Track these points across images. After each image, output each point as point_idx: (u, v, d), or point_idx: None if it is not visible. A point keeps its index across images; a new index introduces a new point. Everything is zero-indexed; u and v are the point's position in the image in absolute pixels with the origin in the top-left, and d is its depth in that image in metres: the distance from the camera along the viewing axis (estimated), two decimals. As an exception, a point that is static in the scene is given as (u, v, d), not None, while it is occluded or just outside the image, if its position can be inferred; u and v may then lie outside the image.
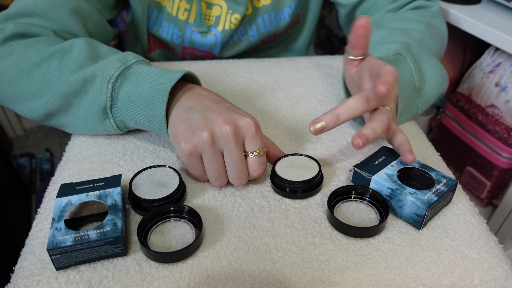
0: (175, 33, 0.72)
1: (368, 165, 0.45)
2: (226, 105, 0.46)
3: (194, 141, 0.42)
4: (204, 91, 0.48)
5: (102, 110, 0.48)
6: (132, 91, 0.46)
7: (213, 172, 0.44)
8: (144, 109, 0.46)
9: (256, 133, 0.43)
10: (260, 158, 0.44)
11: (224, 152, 0.43)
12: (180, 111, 0.45)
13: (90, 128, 0.51)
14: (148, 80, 0.46)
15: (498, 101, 0.94)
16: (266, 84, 0.66)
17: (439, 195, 0.41)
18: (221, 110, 0.44)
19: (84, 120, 0.50)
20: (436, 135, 1.16)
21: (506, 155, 0.94)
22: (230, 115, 0.43)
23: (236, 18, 0.70)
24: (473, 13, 0.88)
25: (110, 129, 0.50)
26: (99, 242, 0.36)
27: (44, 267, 0.38)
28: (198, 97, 0.46)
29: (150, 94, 0.45)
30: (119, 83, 0.46)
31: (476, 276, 0.38)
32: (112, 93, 0.46)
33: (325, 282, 0.37)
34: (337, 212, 0.44)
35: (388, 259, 0.39)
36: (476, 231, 0.42)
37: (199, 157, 0.44)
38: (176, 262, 0.38)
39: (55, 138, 1.72)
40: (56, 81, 0.48)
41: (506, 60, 0.93)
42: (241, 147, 0.43)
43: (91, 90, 0.48)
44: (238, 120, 0.43)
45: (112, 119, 0.49)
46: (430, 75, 0.55)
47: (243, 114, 0.44)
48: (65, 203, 0.40)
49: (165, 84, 0.45)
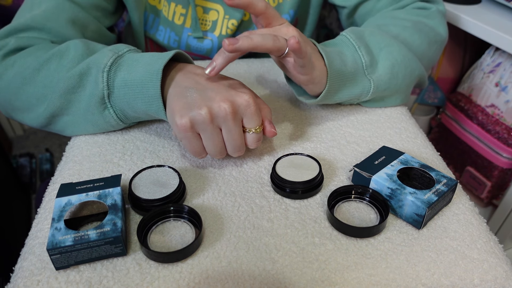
0: (171, 37, 0.72)
1: (368, 165, 0.45)
2: (223, 82, 0.46)
3: (191, 116, 0.42)
4: (199, 70, 0.48)
5: (101, 101, 0.48)
6: (127, 76, 0.47)
7: (214, 148, 0.45)
8: (140, 93, 0.46)
9: (254, 112, 0.44)
10: (257, 135, 0.45)
11: (223, 129, 0.44)
12: (177, 90, 0.45)
13: (92, 123, 0.51)
14: (141, 64, 0.47)
15: (498, 101, 0.94)
16: (266, 84, 0.66)
17: (439, 195, 0.41)
18: (219, 88, 0.44)
19: (85, 116, 0.50)
20: (436, 135, 1.16)
21: (506, 155, 0.94)
22: (228, 92, 0.44)
23: (233, 23, 0.70)
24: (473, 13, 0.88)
25: (111, 120, 0.51)
26: (99, 242, 0.36)
27: (44, 267, 0.38)
28: (193, 76, 0.47)
29: (144, 77, 0.45)
30: (113, 71, 0.47)
31: (476, 276, 0.38)
32: (108, 81, 0.47)
33: (325, 282, 0.37)
34: (337, 212, 0.44)
35: (388, 259, 0.39)
36: (476, 231, 0.42)
37: (196, 133, 0.44)
38: (176, 262, 0.38)
39: (55, 138, 1.72)
40: (56, 82, 0.50)
41: (506, 60, 0.93)
42: (240, 124, 0.44)
43: (88, 83, 0.49)
44: (237, 98, 0.43)
45: (112, 109, 0.49)
46: (385, 53, 0.56)
47: (241, 91, 0.44)
48: (65, 203, 0.40)
49: (157, 64, 0.45)
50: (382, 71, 0.55)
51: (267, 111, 0.48)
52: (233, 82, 0.47)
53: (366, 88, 0.55)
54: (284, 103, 0.61)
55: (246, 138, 0.46)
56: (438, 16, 0.66)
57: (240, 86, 0.47)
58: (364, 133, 0.55)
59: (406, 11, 0.65)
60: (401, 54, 0.57)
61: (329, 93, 0.52)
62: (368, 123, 0.57)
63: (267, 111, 0.48)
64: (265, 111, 0.48)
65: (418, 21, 0.63)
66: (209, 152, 0.45)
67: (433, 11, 0.66)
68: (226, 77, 0.49)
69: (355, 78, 0.54)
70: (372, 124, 0.57)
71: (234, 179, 0.48)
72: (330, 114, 0.59)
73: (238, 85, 0.47)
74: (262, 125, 0.46)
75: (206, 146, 0.45)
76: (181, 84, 0.45)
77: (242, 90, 0.45)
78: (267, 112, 0.48)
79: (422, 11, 0.66)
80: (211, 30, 0.71)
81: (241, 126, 0.44)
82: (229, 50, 0.43)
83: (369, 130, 0.56)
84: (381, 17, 0.65)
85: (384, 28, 0.61)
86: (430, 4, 0.67)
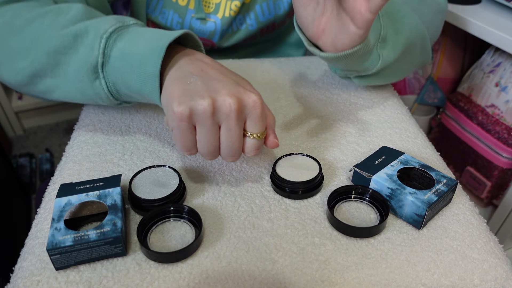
0: (174, 19, 0.70)
1: (368, 165, 0.45)
2: (232, 77, 0.42)
3: (191, 105, 0.38)
4: (207, 59, 0.44)
5: (93, 69, 0.44)
6: (126, 48, 0.42)
7: (207, 146, 0.40)
8: (137, 68, 0.41)
9: (261, 115, 0.40)
10: (258, 141, 0.41)
11: (222, 127, 0.40)
12: (179, 73, 0.40)
13: (79, 91, 0.47)
14: (144, 39, 0.42)
15: (498, 101, 0.94)
16: (266, 84, 0.66)
17: (439, 195, 0.41)
18: (226, 81, 0.40)
19: (73, 82, 0.46)
20: (436, 135, 1.16)
21: (506, 155, 0.94)
22: (236, 88, 0.40)
23: (236, 5, 0.69)
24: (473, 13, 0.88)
25: (101, 92, 0.46)
26: (99, 242, 0.36)
27: (43, 267, 0.38)
28: (200, 63, 0.42)
29: (144, 52, 0.41)
30: (113, 39, 0.43)
31: (476, 276, 0.38)
32: (104, 49, 0.43)
33: (325, 282, 0.37)
34: (337, 212, 0.43)
35: (388, 259, 0.39)
36: (476, 231, 0.42)
37: (192, 125, 0.39)
38: (176, 262, 0.38)
39: (55, 138, 1.72)
40: (46, 38, 0.45)
41: (506, 60, 0.93)
42: (242, 126, 0.40)
43: (82, 47, 0.44)
44: (244, 96, 0.39)
45: (104, 80, 0.45)
46: (401, 25, 0.53)
47: (249, 90, 0.41)
48: (64, 203, 0.40)
49: (161, 41, 0.41)
50: (393, 48, 0.52)
51: (272, 120, 0.45)
52: (241, 79, 0.44)
53: (374, 61, 0.52)
54: (284, 103, 0.61)
55: (245, 143, 0.41)
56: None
57: (249, 85, 0.43)
58: (364, 133, 0.55)
59: None
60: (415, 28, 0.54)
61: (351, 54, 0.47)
62: (368, 123, 0.57)
63: (272, 119, 0.45)
64: (270, 119, 0.44)
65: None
66: (201, 150, 0.41)
67: None
68: (234, 73, 0.45)
69: (371, 51, 0.50)
70: (372, 124, 0.57)
71: (234, 179, 0.48)
72: (330, 114, 0.59)
73: (246, 84, 0.43)
74: (265, 132, 0.42)
75: (198, 142, 0.40)
76: (184, 68, 0.41)
77: (251, 89, 0.42)
78: (272, 120, 0.44)
79: None
80: (214, 12, 0.70)
81: (242, 128, 0.40)
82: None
83: (369, 130, 0.56)
84: None
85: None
86: None
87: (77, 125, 0.56)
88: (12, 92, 1.71)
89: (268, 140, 0.43)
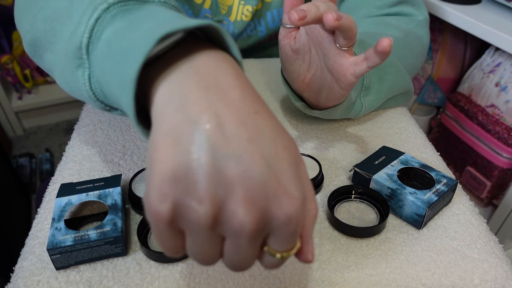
0: (188, 15, 0.70)
1: (368, 165, 0.45)
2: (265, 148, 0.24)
3: (178, 205, 0.23)
4: (236, 91, 0.25)
5: (76, 51, 0.31)
6: (122, 31, 0.29)
7: (201, 257, 0.26)
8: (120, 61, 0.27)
9: (293, 233, 0.24)
10: (282, 260, 0.26)
11: (228, 242, 0.25)
12: (176, 119, 0.24)
13: (65, 79, 0.35)
14: (149, 21, 0.28)
15: (498, 101, 0.94)
16: (266, 84, 0.66)
17: (439, 195, 0.41)
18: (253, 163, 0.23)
19: (62, 63, 0.34)
20: (436, 135, 1.16)
21: (506, 155, 0.94)
22: (264, 185, 0.23)
23: (248, 9, 0.69)
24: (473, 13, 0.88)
25: (81, 87, 0.32)
26: (99, 242, 0.36)
27: (44, 267, 0.38)
28: (220, 102, 0.24)
29: (136, 40, 0.27)
30: (111, 15, 0.30)
31: (476, 276, 0.38)
32: (94, 25, 0.30)
33: (325, 282, 0.37)
34: (337, 212, 0.44)
35: (388, 259, 0.39)
36: (476, 231, 0.42)
37: (176, 229, 0.24)
38: (176, 262, 0.38)
39: (55, 138, 1.72)
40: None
41: (506, 60, 0.93)
42: (259, 244, 0.25)
43: (76, 14, 0.31)
44: (273, 206, 0.23)
45: (87, 71, 0.31)
46: (384, 74, 0.54)
47: (285, 190, 0.23)
48: (65, 203, 0.40)
49: (162, 28, 0.26)
50: (376, 96, 0.54)
51: (312, 217, 0.27)
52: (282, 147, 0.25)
53: (357, 110, 0.54)
54: (283, 103, 0.61)
55: (264, 259, 0.27)
56: (425, 25, 0.66)
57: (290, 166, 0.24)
58: (364, 133, 0.55)
59: (396, 19, 0.65)
60: (398, 76, 0.56)
61: (333, 110, 0.50)
62: (368, 123, 0.57)
63: (311, 218, 0.27)
64: (309, 218, 0.27)
65: (409, 32, 0.63)
66: (193, 257, 0.26)
67: (421, 20, 0.66)
68: (273, 123, 0.25)
69: (354, 102, 0.52)
70: (372, 124, 0.57)
71: (234, 179, 0.48)
72: (330, 114, 0.59)
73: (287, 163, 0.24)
74: (296, 247, 0.26)
75: (189, 250, 0.25)
76: (188, 107, 0.24)
77: (290, 181, 0.24)
78: (311, 219, 0.27)
79: (410, 19, 0.66)
80: (226, 15, 0.70)
81: (259, 245, 0.25)
82: (333, 25, 0.37)
83: (369, 130, 0.56)
84: (373, 22, 0.64)
85: (378, 37, 0.59)
86: (417, 12, 0.67)
87: (77, 125, 0.56)
88: (12, 92, 1.71)
89: (301, 254, 0.27)
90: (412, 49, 0.62)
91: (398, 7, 0.66)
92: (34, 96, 1.71)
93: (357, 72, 0.43)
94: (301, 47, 0.47)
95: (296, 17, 0.37)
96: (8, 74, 1.62)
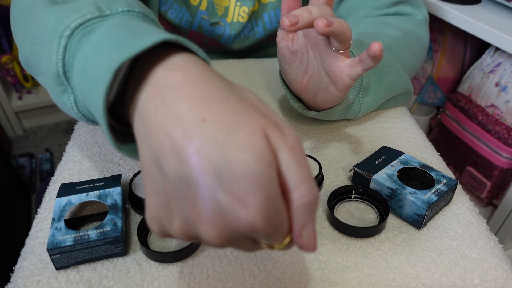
0: (184, 17, 0.69)
1: (368, 165, 0.45)
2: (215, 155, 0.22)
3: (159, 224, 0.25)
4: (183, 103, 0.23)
5: (56, 79, 0.32)
6: (87, 57, 0.28)
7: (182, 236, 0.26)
8: (90, 91, 0.27)
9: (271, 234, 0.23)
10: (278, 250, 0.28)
11: None
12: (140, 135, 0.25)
13: (55, 101, 0.35)
14: (109, 43, 0.27)
15: (498, 101, 0.94)
16: (266, 84, 0.66)
17: (439, 195, 0.41)
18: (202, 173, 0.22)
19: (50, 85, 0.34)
20: (436, 135, 1.16)
21: (506, 155, 0.94)
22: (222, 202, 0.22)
23: (244, 11, 0.69)
24: (473, 13, 0.88)
25: (70, 111, 0.33)
26: (99, 242, 0.36)
27: (44, 267, 0.38)
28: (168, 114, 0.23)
29: (98, 69, 0.27)
30: (77, 40, 0.29)
31: (476, 276, 0.38)
32: (64, 54, 0.30)
33: (325, 282, 0.37)
34: (337, 212, 0.44)
35: (388, 259, 0.39)
36: (476, 231, 0.42)
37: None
38: (176, 261, 0.38)
39: (55, 138, 1.72)
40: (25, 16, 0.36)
41: (506, 60, 0.93)
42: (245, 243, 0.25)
43: (46, 39, 0.32)
44: (231, 221, 0.22)
45: (72, 96, 0.32)
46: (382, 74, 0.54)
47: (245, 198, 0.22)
48: (65, 203, 0.40)
49: (126, 49, 0.25)
50: (375, 96, 0.54)
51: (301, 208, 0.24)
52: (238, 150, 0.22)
53: (356, 111, 0.54)
54: (283, 103, 0.61)
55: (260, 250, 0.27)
56: (425, 24, 0.66)
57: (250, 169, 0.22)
58: (364, 133, 0.55)
59: (395, 19, 0.65)
60: (397, 76, 0.56)
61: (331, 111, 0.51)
62: (368, 123, 0.57)
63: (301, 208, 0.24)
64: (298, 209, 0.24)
65: (408, 31, 0.63)
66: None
67: (420, 19, 0.66)
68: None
69: (352, 103, 0.52)
70: (372, 124, 0.57)
71: (234, 179, 0.48)
72: (330, 114, 0.59)
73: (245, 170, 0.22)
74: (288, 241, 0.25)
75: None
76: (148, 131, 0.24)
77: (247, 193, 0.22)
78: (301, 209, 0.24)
79: (409, 19, 0.66)
80: (223, 16, 0.70)
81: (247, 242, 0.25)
82: (324, 31, 0.37)
83: (369, 130, 0.56)
84: (372, 22, 0.65)
85: (377, 37, 0.60)
86: (416, 11, 0.67)
87: (77, 125, 0.56)
88: (12, 92, 1.71)
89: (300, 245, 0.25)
90: (412, 48, 0.62)
91: (396, 7, 0.66)
92: (34, 96, 1.71)
93: (353, 74, 0.43)
94: (299, 49, 0.47)
95: (288, 23, 0.38)
96: (8, 74, 1.62)
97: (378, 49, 0.39)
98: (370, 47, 0.39)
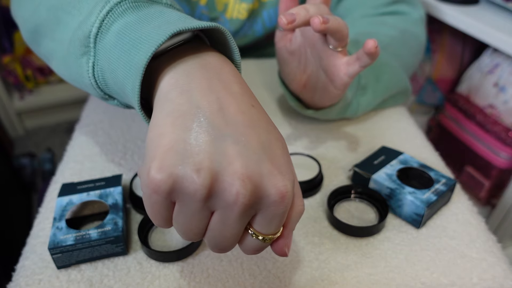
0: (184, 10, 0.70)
1: (367, 165, 0.46)
2: (261, 135, 0.26)
3: (177, 176, 0.24)
4: (236, 86, 0.28)
5: (84, 39, 0.32)
6: (132, 24, 0.30)
7: (186, 232, 0.27)
8: (129, 51, 0.29)
9: (280, 215, 0.26)
10: (262, 244, 0.28)
11: (216, 216, 0.26)
12: (179, 102, 0.26)
13: (66, 65, 0.36)
14: (159, 18, 0.30)
15: (496, 101, 0.95)
16: (266, 84, 0.66)
17: (438, 194, 0.42)
18: (250, 144, 0.25)
19: (67, 50, 0.35)
20: (435, 135, 1.16)
21: (504, 155, 0.94)
22: (259, 164, 0.25)
23: (243, 8, 0.69)
24: (472, 14, 0.88)
25: (84, 73, 0.33)
26: (100, 241, 0.37)
27: (45, 266, 0.38)
28: (222, 92, 0.27)
29: (146, 33, 0.29)
30: (123, 8, 0.31)
31: (475, 274, 0.38)
32: (105, 17, 0.31)
33: (325, 281, 0.37)
34: (337, 212, 0.44)
35: (387, 258, 0.39)
36: (475, 230, 0.42)
37: (169, 201, 0.26)
38: (176, 261, 0.38)
39: (56, 138, 1.72)
40: None
41: (504, 60, 0.93)
42: (246, 221, 0.27)
43: (87, 5, 0.33)
44: (268, 184, 0.25)
45: (92, 59, 0.32)
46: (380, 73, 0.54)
47: (279, 171, 0.26)
48: (66, 203, 0.40)
49: (173, 25, 0.28)
50: (373, 95, 0.54)
51: (298, 212, 0.29)
52: (276, 140, 0.27)
53: (353, 110, 0.54)
54: (283, 103, 0.62)
55: (244, 239, 0.28)
56: (421, 23, 0.66)
57: (285, 157, 0.27)
58: (364, 133, 0.56)
59: (392, 18, 0.65)
60: (395, 75, 0.56)
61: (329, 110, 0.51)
62: (368, 123, 0.58)
63: (297, 212, 0.29)
64: (295, 211, 0.28)
65: (405, 30, 0.63)
66: (178, 230, 0.27)
67: (416, 18, 0.66)
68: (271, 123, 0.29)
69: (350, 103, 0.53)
70: (372, 124, 0.57)
71: (234, 179, 0.48)
72: (330, 114, 0.59)
73: (280, 153, 0.27)
74: (277, 234, 0.28)
75: (175, 222, 0.27)
76: (193, 94, 0.26)
77: (284, 168, 0.26)
78: (297, 213, 0.29)
79: (406, 17, 0.66)
80: (223, 12, 0.70)
81: (245, 223, 0.27)
82: (320, 28, 0.37)
83: (369, 130, 0.56)
84: (369, 22, 0.65)
85: (374, 37, 0.60)
86: (412, 9, 0.67)
87: (78, 125, 0.57)
88: (14, 93, 1.71)
89: (277, 244, 0.29)
90: (409, 47, 0.62)
91: (393, 6, 0.66)
92: (35, 97, 1.71)
93: (350, 72, 0.43)
94: (297, 49, 0.47)
95: (285, 21, 0.38)
96: (10, 75, 1.62)
97: (373, 46, 0.39)
98: (365, 44, 0.39)
